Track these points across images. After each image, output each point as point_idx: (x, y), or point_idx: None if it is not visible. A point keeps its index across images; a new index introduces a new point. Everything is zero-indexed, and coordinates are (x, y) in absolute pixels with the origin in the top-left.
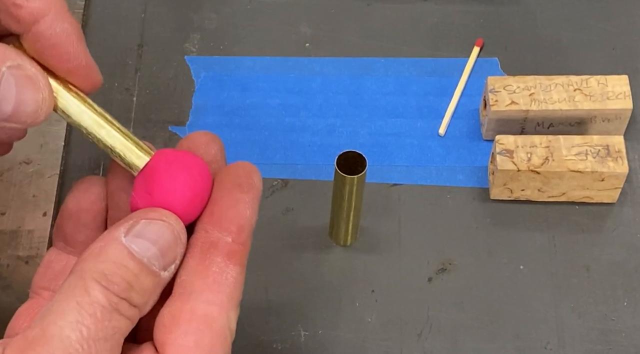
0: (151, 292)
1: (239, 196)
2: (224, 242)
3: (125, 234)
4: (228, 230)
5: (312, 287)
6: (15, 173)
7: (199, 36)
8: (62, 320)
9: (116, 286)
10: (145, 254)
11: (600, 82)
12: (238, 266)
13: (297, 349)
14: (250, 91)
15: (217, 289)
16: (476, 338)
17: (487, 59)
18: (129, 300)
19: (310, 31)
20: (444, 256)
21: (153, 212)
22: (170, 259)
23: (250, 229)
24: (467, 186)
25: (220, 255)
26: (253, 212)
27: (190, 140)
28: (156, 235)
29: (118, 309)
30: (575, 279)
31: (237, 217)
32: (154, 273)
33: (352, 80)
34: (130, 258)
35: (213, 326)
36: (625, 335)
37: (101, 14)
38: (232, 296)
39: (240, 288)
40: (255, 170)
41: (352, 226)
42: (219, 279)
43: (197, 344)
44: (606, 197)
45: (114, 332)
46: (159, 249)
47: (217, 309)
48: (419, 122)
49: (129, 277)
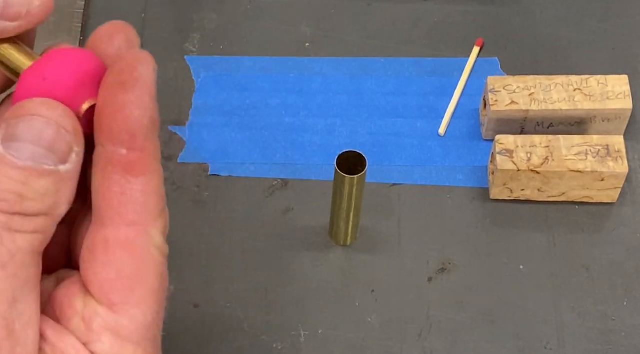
0: (55, 192)
1: (122, 97)
2: (118, 156)
3: (1, 140)
4: (119, 140)
5: (312, 287)
6: None
7: (199, 36)
8: None
9: (2, 202)
10: (26, 156)
11: (600, 82)
12: (141, 176)
13: (297, 349)
14: (250, 90)
15: (124, 209)
16: (476, 338)
17: (487, 58)
18: (23, 212)
19: (310, 31)
20: (444, 256)
21: (21, 109)
22: (62, 150)
23: (144, 130)
24: (467, 185)
25: (118, 171)
26: (144, 111)
27: (94, 33)
28: (28, 131)
29: (10, 227)
30: (575, 279)
31: (125, 123)
32: (48, 172)
33: (352, 80)
34: (10, 166)
35: (132, 250)
36: (625, 335)
37: (101, 14)
38: (144, 211)
39: (153, 198)
40: (143, 58)
41: (352, 226)
42: (123, 199)
43: (119, 274)
44: (606, 197)
45: (12, 255)
46: (38, 145)
47: (130, 230)
48: (419, 122)
49: (16, 187)
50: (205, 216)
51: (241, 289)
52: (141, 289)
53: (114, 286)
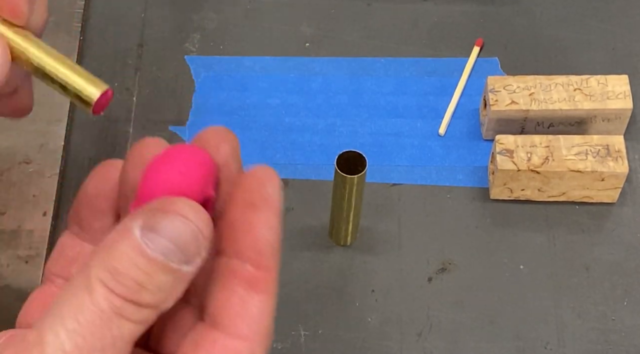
0: (170, 288)
1: (252, 216)
2: (244, 271)
3: (140, 228)
4: (246, 257)
5: (312, 287)
6: (15, 173)
7: (199, 36)
8: (59, 326)
9: (123, 287)
10: (160, 251)
11: (600, 82)
12: (263, 294)
13: (297, 349)
14: (250, 90)
15: (240, 321)
16: (476, 338)
17: (487, 58)
18: (138, 302)
19: (310, 31)
20: (444, 256)
21: (169, 205)
22: (191, 253)
23: (271, 250)
24: (467, 185)
25: (241, 285)
26: (272, 231)
27: (198, 138)
28: (171, 229)
29: (121, 313)
30: (575, 279)
31: (254, 242)
32: (172, 269)
33: (352, 80)
34: (141, 255)
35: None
36: (625, 335)
37: (101, 14)
38: (256, 328)
39: (267, 317)
40: (270, 177)
41: (352, 226)
42: (241, 311)
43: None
44: (606, 197)
45: (114, 341)
46: (175, 245)
47: (240, 343)
48: (419, 122)
49: (139, 276)
50: None
51: None
52: None
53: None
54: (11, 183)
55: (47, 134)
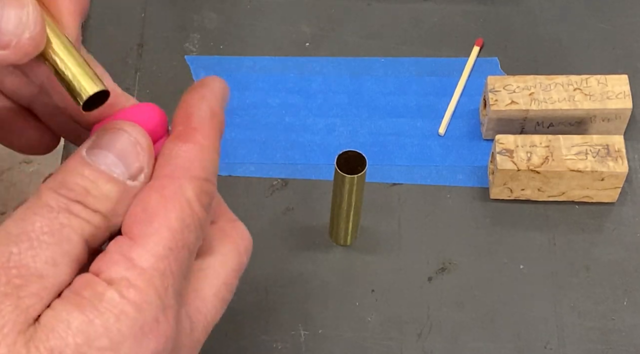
0: (117, 199)
1: (189, 94)
2: (175, 132)
3: (87, 148)
4: (177, 123)
5: (312, 287)
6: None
7: (199, 36)
8: (8, 221)
9: (69, 191)
10: (101, 162)
11: (600, 81)
12: (189, 143)
13: (297, 349)
14: (250, 90)
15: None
16: (476, 338)
17: (487, 58)
18: (84, 203)
19: (310, 31)
20: (444, 256)
21: (110, 124)
22: (134, 167)
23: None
24: (467, 185)
25: (171, 140)
26: (202, 100)
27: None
28: (111, 142)
29: (68, 209)
30: (575, 278)
31: (184, 109)
32: (116, 180)
33: (352, 80)
34: (85, 166)
35: (160, 192)
36: (625, 335)
37: (101, 14)
38: (182, 169)
39: (195, 161)
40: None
41: (352, 226)
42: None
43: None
44: (606, 197)
45: (62, 227)
46: (116, 156)
47: (165, 180)
48: (419, 121)
49: (84, 182)
50: None
51: (241, 289)
52: (158, 222)
53: (137, 218)
54: (11, 183)
55: None
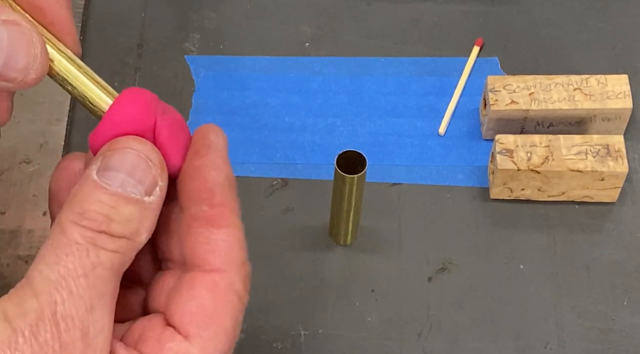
0: (139, 219)
1: (198, 162)
2: (200, 212)
3: (97, 170)
4: (200, 199)
5: (312, 287)
6: (15, 173)
7: (198, 36)
8: (42, 264)
9: (91, 221)
10: (116, 184)
11: (600, 81)
12: (224, 228)
13: (297, 349)
14: (250, 90)
15: (210, 257)
16: (476, 338)
17: (487, 58)
18: (109, 232)
19: (310, 31)
20: (444, 256)
21: (115, 143)
22: (149, 182)
23: (222, 187)
24: (467, 185)
25: (202, 225)
26: (218, 171)
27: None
28: (121, 162)
29: (95, 243)
30: (575, 278)
31: (203, 184)
32: (135, 200)
33: (352, 80)
34: (102, 192)
35: (214, 291)
36: (625, 335)
37: (101, 14)
38: (228, 259)
39: (235, 248)
40: (212, 128)
41: (352, 226)
42: (208, 248)
43: (199, 309)
44: (606, 197)
45: (94, 267)
46: (129, 175)
47: (216, 276)
48: (419, 121)
49: (104, 210)
50: None
51: None
52: (216, 327)
53: (193, 319)
54: (11, 183)
55: (47, 134)
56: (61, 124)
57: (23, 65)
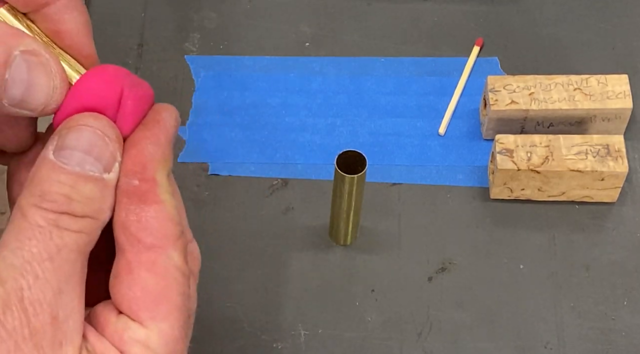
0: (100, 197)
1: (140, 134)
2: (132, 187)
3: (53, 150)
4: (133, 172)
5: (312, 287)
6: None
7: (199, 36)
8: (5, 250)
9: (52, 203)
10: (74, 162)
11: (600, 81)
12: (154, 205)
13: (297, 349)
14: (251, 90)
15: (142, 234)
16: (476, 338)
17: (487, 58)
18: (71, 212)
19: (310, 31)
20: (444, 256)
21: (70, 121)
22: (107, 159)
23: (156, 163)
24: (467, 185)
25: (132, 202)
26: (157, 147)
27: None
28: (77, 140)
29: (58, 225)
30: (575, 278)
31: (138, 156)
32: (94, 178)
33: (352, 80)
34: (60, 171)
35: (153, 269)
36: (625, 335)
37: (101, 14)
38: (161, 235)
39: (168, 223)
40: (167, 107)
41: (352, 226)
42: (139, 225)
43: (144, 292)
44: (606, 197)
45: (59, 249)
46: (86, 153)
47: (150, 253)
48: (419, 121)
49: (64, 190)
50: (205, 215)
51: (241, 289)
52: (166, 306)
53: (140, 303)
54: None
55: None
56: None
57: (43, 98)
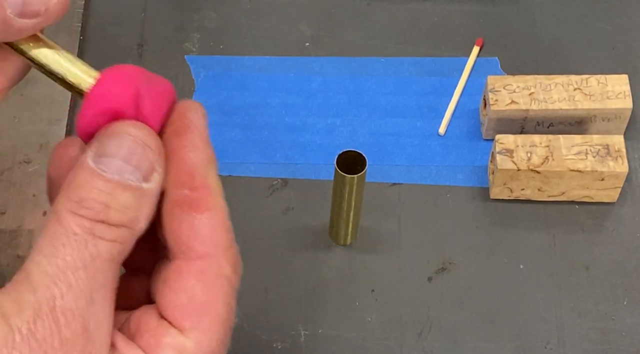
0: (137, 206)
1: (177, 143)
2: (182, 196)
3: (93, 157)
4: (180, 183)
5: (312, 287)
6: (15, 173)
7: (199, 35)
8: (39, 255)
9: (88, 210)
10: (113, 170)
11: (600, 81)
12: (206, 212)
13: (297, 349)
14: (250, 90)
15: (194, 243)
16: (476, 338)
17: (487, 58)
18: (107, 221)
19: (310, 31)
20: (444, 256)
21: (111, 128)
22: (146, 168)
23: (202, 169)
24: (467, 185)
25: (184, 210)
26: (198, 152)
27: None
28: (117, 148)
29: (94, 233)
30: (575, 278)
31: (182, 167)
32: (132, 187)
33: (352, 80)
34: (98, 179)
35: (203, 279)
36: (625, 335)
37: (101, 14)
38: (213, 244)
39: (219, 231)
40: (192, 106)
41: (352, 226)
42: (191, 233)
43: (190, 300)
44: (606, 197)
45: (93, 258)
46: (125, 161)
47: (202, 263)
48: (419, 121)
49: (102, 198)
50: None
51: (241, 289)
52: (210, 317)
53: (185, 310)
54: (11, 183)
55: (47, 134)
56: (61, 124)
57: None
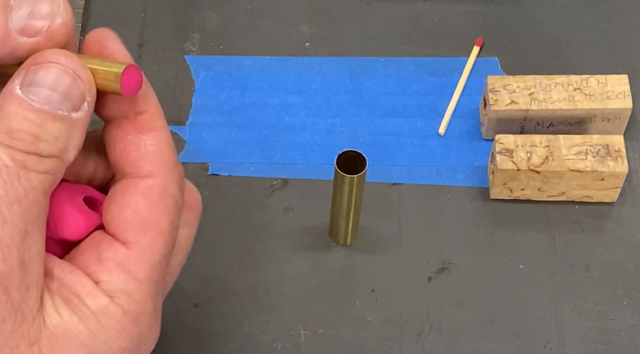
0: (67, 136)
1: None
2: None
3: (20, 85)
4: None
5: (312, 287)
6: None
7: (199, 36)
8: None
9: (19, 142)
10: (42, 100)
11: (600, 81)
12: (152, 132)
13: (297, 349)
14: (250, 90)
15: (140, 162)
16: (476, 338)
17: (487, 58)
18: (38, 153)
19: (310, 31)
20: (444, 256)
21: (40, 57)
22: (76, 98)
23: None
24: (467, 185)
25: (130, 132)
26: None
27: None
28: (46, 77)
29: (26, 166)
30: (575, 278)
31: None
32: (63, 117)
33: (352, 80)
34: (28, 109)
35: (148, 195)
36: (625, 335)
37: (101, 14)
38: (159, 163)
39: (166, 149)
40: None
41: (352, 226)
42: (138, 153)
43: (135, 215)
44: (606, 197)
45: (26, 192)
46: (54, 91)
47: (147, 180)
48: (419, 121)
49: (32, 129)
50: (205, 215)
51: (241, 289)
52: (154, 231)
53: (130, 225)
54: None
55: None
56: None
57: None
